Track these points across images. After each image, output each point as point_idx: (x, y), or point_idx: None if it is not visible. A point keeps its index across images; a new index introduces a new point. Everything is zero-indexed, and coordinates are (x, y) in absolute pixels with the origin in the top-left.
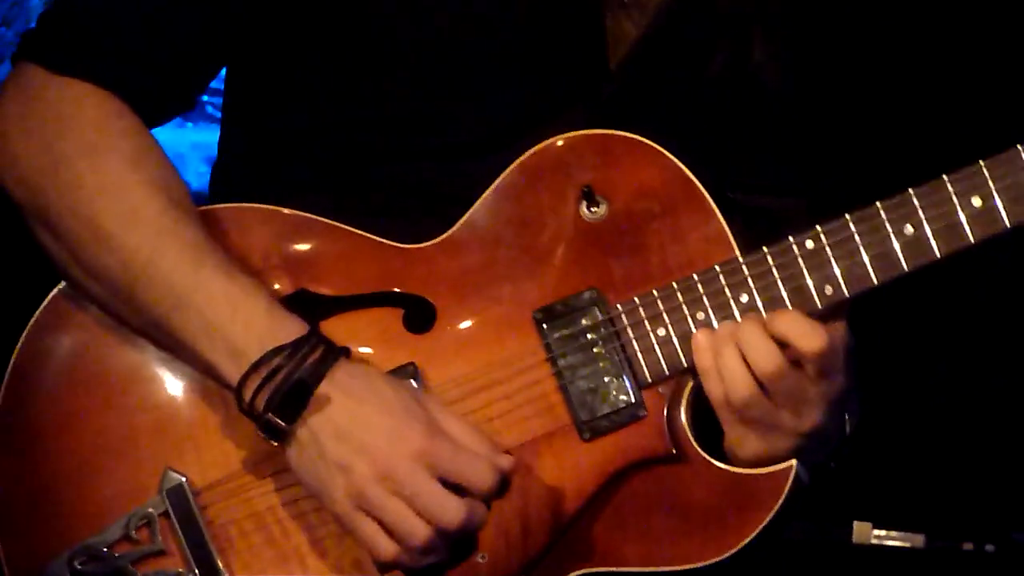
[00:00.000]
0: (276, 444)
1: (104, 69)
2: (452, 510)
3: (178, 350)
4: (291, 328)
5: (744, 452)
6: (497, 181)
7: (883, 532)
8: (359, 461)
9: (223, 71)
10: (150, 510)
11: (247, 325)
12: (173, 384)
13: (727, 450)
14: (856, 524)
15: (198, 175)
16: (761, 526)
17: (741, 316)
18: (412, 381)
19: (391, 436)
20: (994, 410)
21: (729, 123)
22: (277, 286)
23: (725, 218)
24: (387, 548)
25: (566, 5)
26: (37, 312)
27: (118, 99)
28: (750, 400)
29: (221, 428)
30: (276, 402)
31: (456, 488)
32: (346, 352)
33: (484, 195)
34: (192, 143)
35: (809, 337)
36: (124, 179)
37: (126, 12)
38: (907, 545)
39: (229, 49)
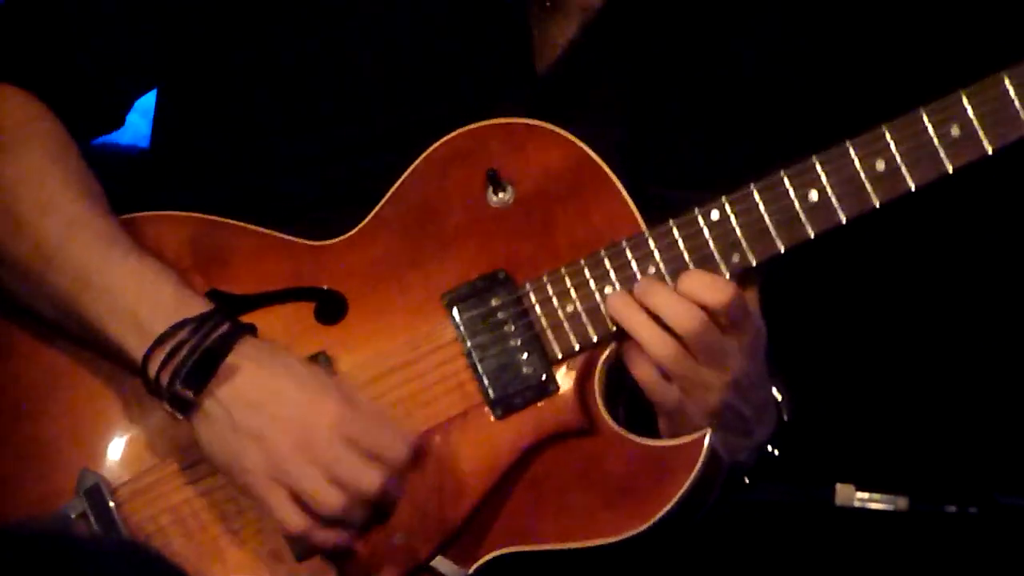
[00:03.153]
0: (184, 418)
1: (33, 76)
2: (371, 476)
3: (87, 333)
4: (198, 306)
5: (680, 418)
6: (405, 174)
7: (866, 495)
8: (275, 431)
9: None
10: (68, 512)
11: (154, 303)
12: (85, 387)
13: (662, 426)
14: (839, 486)
15: None
16: (675, 498)
17: None
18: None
19: (305, 405)
20: (978, 372)
21: (652, 120)
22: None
23: (642, 212)
24: (297, 519)
25: (490, 14)
26: None
27: (41, 103)
28: (674, 357)
29: (134, 425)
30: (182, 373)
31: (374, 460)
32: (252, 329)
33: (392, 189)
34: None
35: (714, 288)
36: (42, 171)
37: (56, 21)
38: (890, 507)
39: (156, 66)
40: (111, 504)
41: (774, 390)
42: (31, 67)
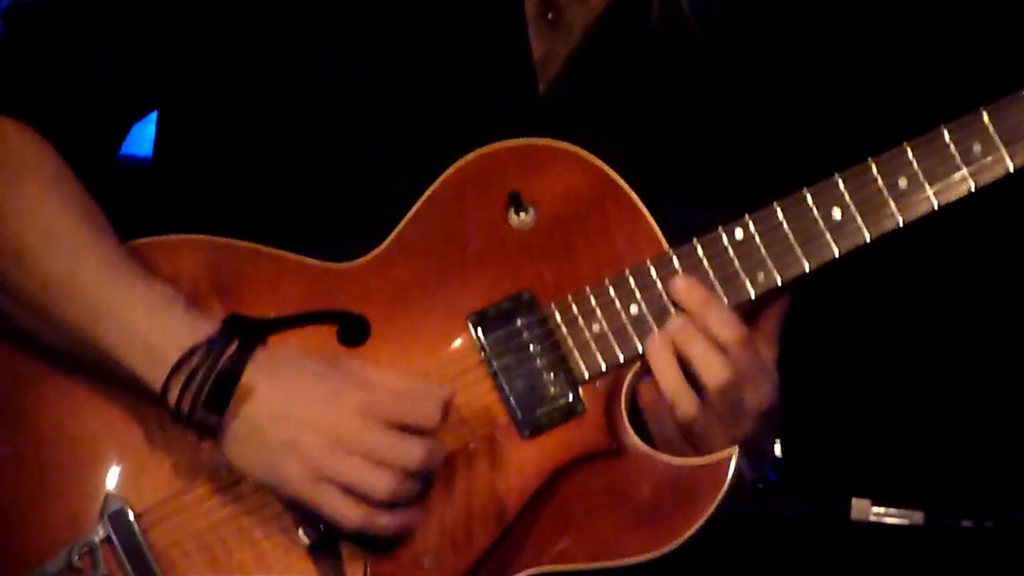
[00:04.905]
0: (213, 443)
1: (25, 105)
2: (413, 449)
3: (102, 364)
4: (208, 327)
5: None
6: (424, 196)
7: (881, 509)
8: (305, 435)
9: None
10: (92, 538)
11: (164, 330)
12: (106, 411)
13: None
14: (855, 501)
15: None
16: (704, 517)
17: (675, 308)
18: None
19: (328, 401)
20: (993, 387)
21: (662, 134)
22: (209, 313)
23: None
24: (355, 512)
25: (489, 33)
26: None
27: (37, 133)
28: (692, 416)
29: (158, 449)
30: (202, 400)
31: (406, 430)
32: (263, 341)
33: (412, 210)
34: None
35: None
36: (43, 201)
37: (50, 51)
38: (906, 522)
39: (151, 94)
40: (136, 529)
41: None
42: (25, 97)
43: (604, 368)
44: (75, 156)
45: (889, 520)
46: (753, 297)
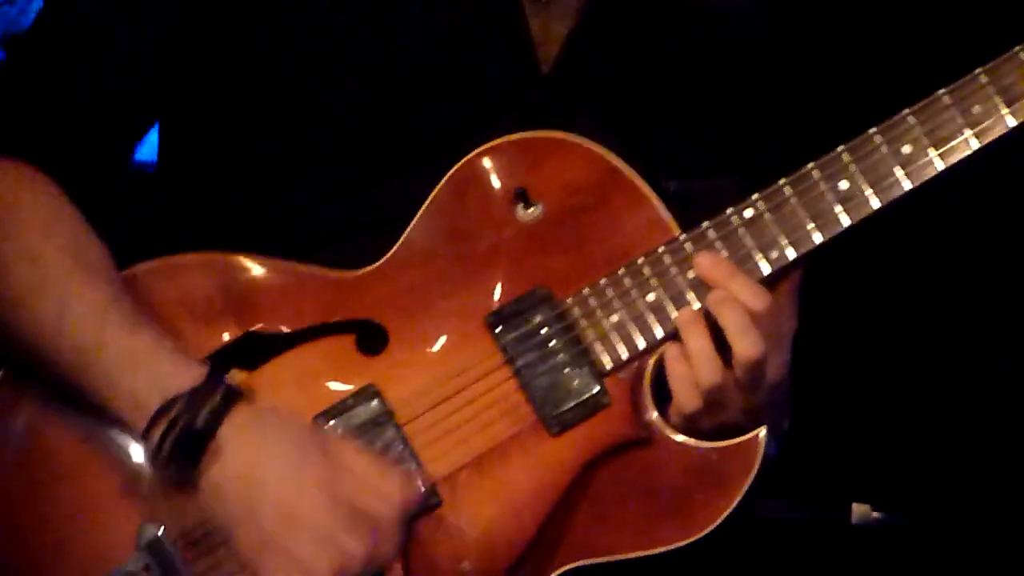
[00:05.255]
0: (190, 493)
1: (13, 140)
2: (355, 541)
3: (95, 407)
4: (192, 375)
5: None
6: (429, 198)
7: (882, 515)
8: (261, 504)
9: None
10: (131, 568)
11: (148, 378)
12: (130, 442)
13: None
14: (855, 506)
15: None
16: (738, 497)
17: (691, 292)
18: (374, 401)
19: (290, 475)
20: (994, 392)
21: (661, 107)
22: (225, 333)
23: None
24: None
25: (487, 15)
26: None
27: (30, 167)
28: (719, 386)
29: None
30: (176, 453)
31: (363, 518)
32: (245, 396)
33: (418, 214)
34: None
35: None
36: (35, 249)
37: (48, 74)
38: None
39: (156, 104)
40: (175, 555)
41: None
42: (22, 131)
43: (626, 358)
44: (84, 177)
45: (889, 525)
46: (767, 274)
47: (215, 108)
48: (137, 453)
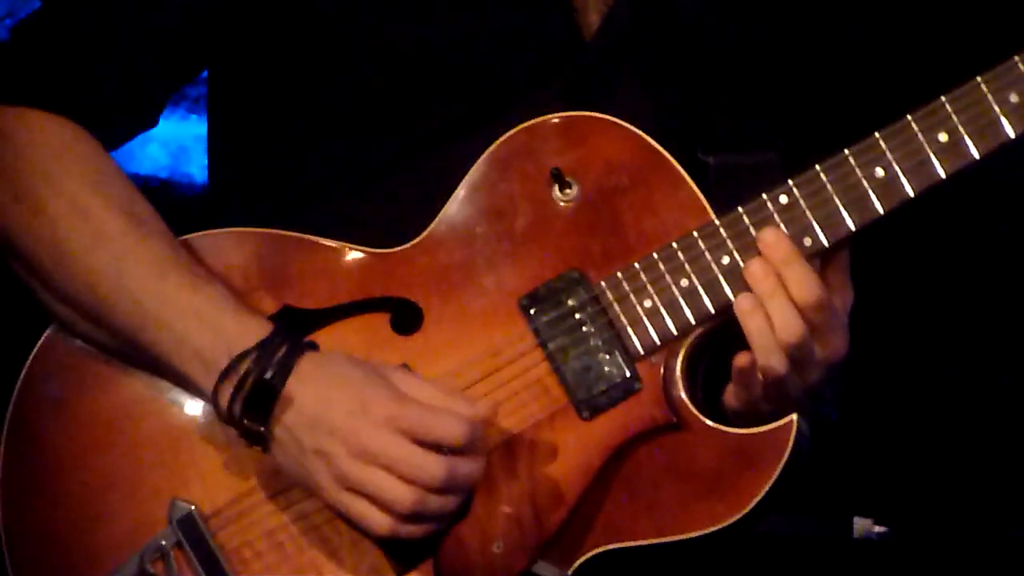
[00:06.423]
0: (261, 448)
1: (56, 96)
2: (432, 467)
3: (155, 366)
4: (258, 330)
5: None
6: (467, 176)
7: (884, 528)
8: (333, 443)
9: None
10: (163, 542)
11: (215, 334)
12: (170, 414)
13: (733, 397)
14: (857, 520)
15: (201, 168)
16: (769, 484)
17: (724, 278)
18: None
19: (356, 410)
20: (996, 408)
21: (703, 78)
22: (261, 306)
23: (698, 183)
24: (381, 521)
25: None
26: (27, 363)
27: (73, 124)
28: (801, 339)
29: (222, 451)
30: (247, 406)
31: (433, 447)
32: (312, 344)
33: (456, 192)
34: (196, 135)
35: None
36: (86, 203)
37: (74, 38)
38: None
39: (185, 69)
40: (206, 532)
41: None
42: (53, 86)
43: (658, 343)
44: (112, 134)
45: (891, 539)
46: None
47: (259, 69)
48: (184, 420)
